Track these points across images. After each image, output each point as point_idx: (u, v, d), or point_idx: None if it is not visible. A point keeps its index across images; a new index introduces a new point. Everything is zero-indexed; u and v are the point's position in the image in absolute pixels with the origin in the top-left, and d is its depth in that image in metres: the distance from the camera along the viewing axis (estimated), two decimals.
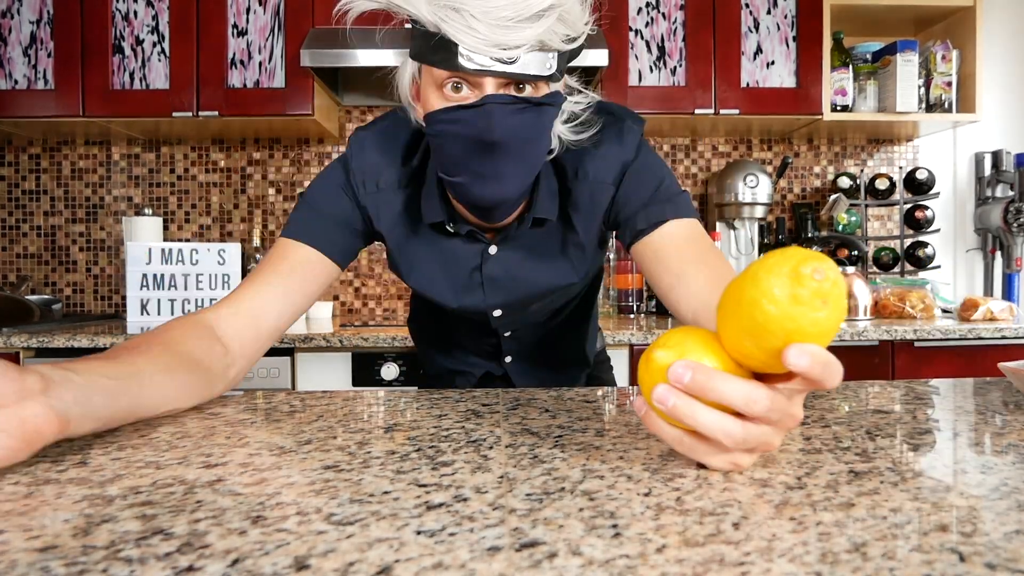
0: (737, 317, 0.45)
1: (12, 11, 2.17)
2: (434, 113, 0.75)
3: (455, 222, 0.89)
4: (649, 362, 0.48)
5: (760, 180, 2.39)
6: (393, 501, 0.43)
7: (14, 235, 2.56)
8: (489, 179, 0.77)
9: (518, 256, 0.93)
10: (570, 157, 0.88)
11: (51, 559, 0.35)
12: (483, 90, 0.73)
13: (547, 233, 0.92)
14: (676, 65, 2.26)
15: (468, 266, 0.93)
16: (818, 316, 0.42)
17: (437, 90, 0.75)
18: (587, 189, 0.89)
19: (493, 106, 0.72)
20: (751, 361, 0.46)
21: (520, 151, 0.76)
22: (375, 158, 0.89)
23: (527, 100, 0.74)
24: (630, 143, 0.88)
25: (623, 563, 0.34)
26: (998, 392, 0.78)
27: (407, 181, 0.90)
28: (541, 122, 0.76)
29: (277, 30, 2.20)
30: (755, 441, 0.46)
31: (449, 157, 0.78)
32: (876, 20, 2.45)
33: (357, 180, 0.89)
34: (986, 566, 0.33)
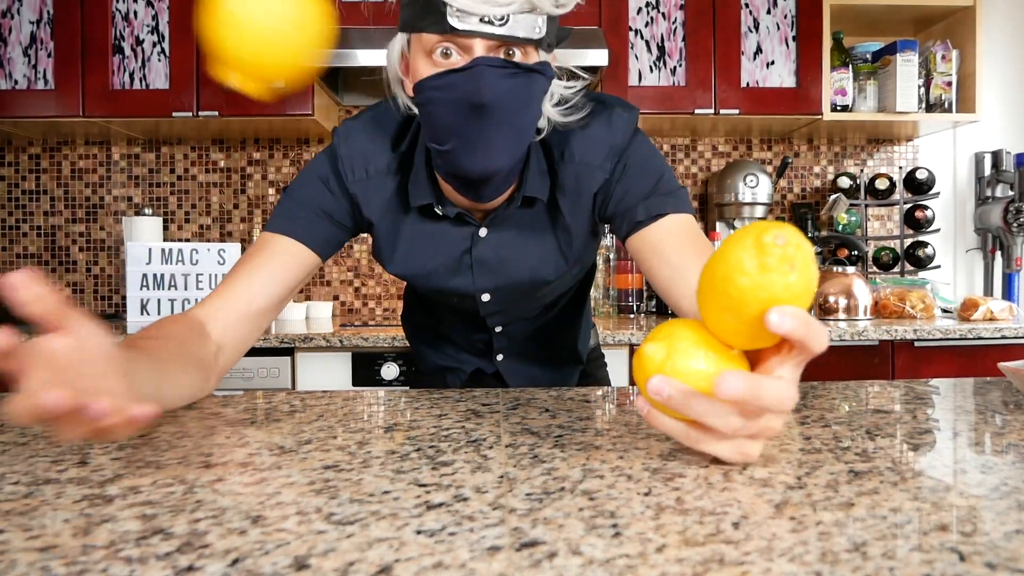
0: (714, 295, 0.46)
1: (12, 11, 2.17)
2: (423, 80, 0.75)
3: (444, 204, 0.88)
4: (641, 359, 0.49)
5: (760, 180, 2.39)
6: (393, 501, 0.43)
7: (14, 235, 2.56)
8: (479, 146, 0.76)
9: (508, 238, 0.92)
10: (557, 138, 0.88)
11: (51, 559, 0.35)
12: (473, 54, 0.73)
13: (536, 215, 0.91)
14: (676, 65, 2.26)
15: (458, 249, 0.92)
16: (789, 280, 0.44)
17: (427, 57, 0.75)
18: (573, 171, 0.88)
19: (483, 68, 0.71)
20: (738, 339, 0.47)
21: (510, 118, 0.75)
22: (364, 145, 0.88)
23: (517, 65, 0.74)
24: (619, 127, 0.88)
25: (623, 563, 0.34)
26: (998, 392, 0.78)
27: (396, 167, 0.89)
28: (531, 91, 0.76)
29: None
30: (755, 427, 0.47)
31: (439, 124, 0.77)
32: (876, 20, 2.45)
33: (345, 167, 0.88)
34: (986, 566, 0.33)
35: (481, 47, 0.72)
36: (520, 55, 0.74)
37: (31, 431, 0.62)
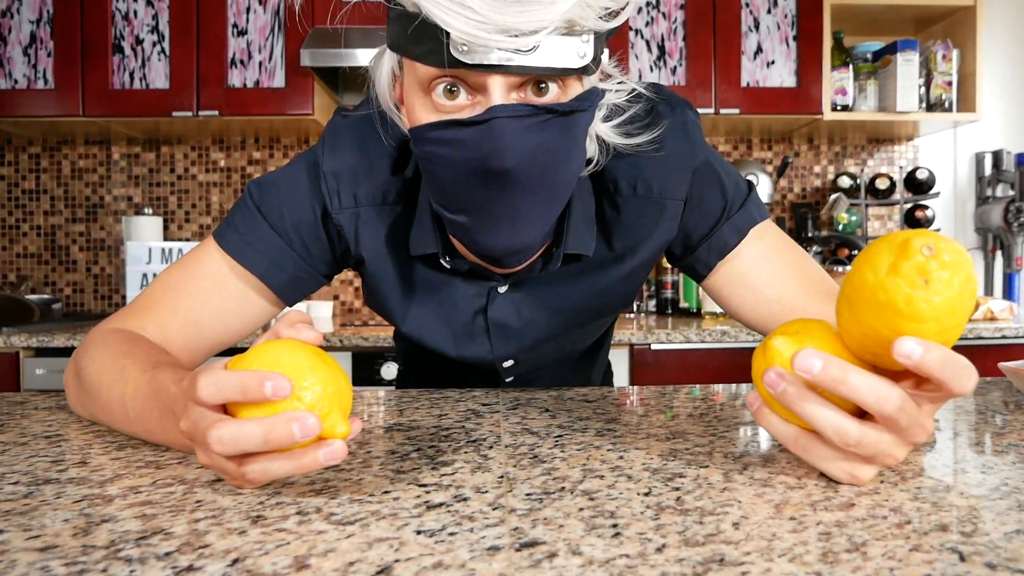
0: (843, 285, 0.42)
1: (12, 11, 2.17)
2: (420, 129, 0.56)
3: (453, 256, 0.69)
4: (767, 350, 0.45)
5: (760, 180, 2.39)
6: (393, 501, 0.43)
7: (14, 235, 2.56)
8: (502, 221, 0.57)
9: (536, 297, 0.72)
10: (619, 165, 0.68)
11: (51, 559, 0.35)
12: (487, 95, 0.53)
13: (580, 268, 0.72)
14: (676, 65, 2.26)
15: (468, 309, 0.73)
16: (914, 294, 0.39)
17: (423, 94, 0.55)
18: (648, 209, 0.68)
19: (503, 121, 0.52)
20: (861, 342, 0.42)
21: (542, 181, 0.56)
22: (354, 160, 0.68)
23: (550, 109, 0.53)
24: (696, 139, 0.69)
25: (623, 563, 0.34)
26: (998, 392, 0.78)
27: (396, 196, 0.69)
28: (571, 136, 0.56)
29: (277, 30, 2.20)
30: (873, 447, 0.42)
31: (445, 189, 0.58)
32: (876, 20, 2.45)
33: (329, 187, 0.68)
34: (986, 566, 0.33)
35: (500, 87, 0.52)
36: (556, 89, 0.54)
37: (31, 431, 0.62)
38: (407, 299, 0.74)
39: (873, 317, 0.40)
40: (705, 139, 0.72)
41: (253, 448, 0.41)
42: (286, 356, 0.43)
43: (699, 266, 0.74)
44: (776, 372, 0.42)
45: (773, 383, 0.42)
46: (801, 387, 0.42)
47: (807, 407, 0.41)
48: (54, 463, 0.52)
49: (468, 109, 0.54)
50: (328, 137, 0.69)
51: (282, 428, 0.40)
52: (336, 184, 0.68)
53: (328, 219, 0.70)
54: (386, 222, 0.70)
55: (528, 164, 0.54)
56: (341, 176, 0.68)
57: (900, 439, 0.42)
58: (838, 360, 0.40)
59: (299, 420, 0.39)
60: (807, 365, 0.40)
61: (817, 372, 0.40)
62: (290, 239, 0.70)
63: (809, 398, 0.41)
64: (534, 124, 0.53)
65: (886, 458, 0.43)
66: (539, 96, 0.54)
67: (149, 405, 0.54)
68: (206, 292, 0.70)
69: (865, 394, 0.40)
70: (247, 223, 0.70)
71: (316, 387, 0.42)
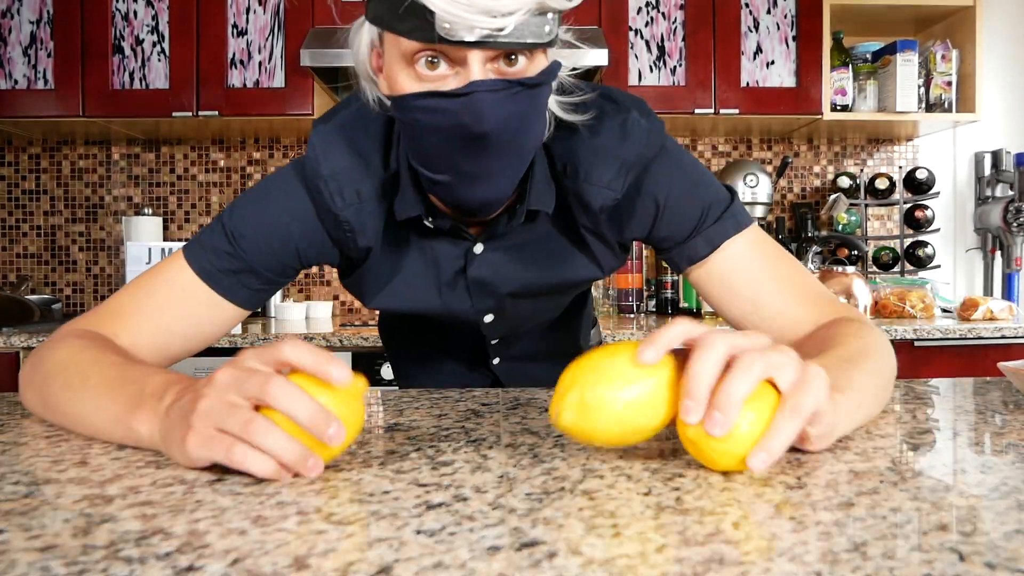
0: None
1: (12, 11, 2.17)
2: (406, 99, 0.62)
3: (434, 216, 0.75)
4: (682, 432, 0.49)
5: (760, 180, 2.39)
6: (393, 501, 0.43)
7: (14, 235, 2.56)
8: (478, 178, 0.66)
9: (509, 254, 0.80)
10: (560, 147, 0.74)
11: (51, 559, 0.35)
12: (466, 67, 0.60)
13: (543, 225, 0.79)
14: (676, 65, 2.26)
15: (450, 269, 0.80)
16: None
17: (407, 66, 0.62)
18: (580, 189, 0.75)
19: (483, 95, 0.59)
20: None
21: (513, 143, 0.64)
22: (349, 161, 0.73)
23: (521, 83, 0.61)
24: (636, 138, 0.73)
25: (623, 563, 0.34)
26: (998, 392, 0.78)
27: (392, 187, 0.75)
28: (537, 105, 0.64)
29: (277, 30, 2.20)
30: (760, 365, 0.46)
31: (427, 151, 0.66)
32: (876, 20, 2.45)
33: (332, 189, 0.72)
34: (986, 566, 0.33)
35: (478, 60, 0.60)
36: (524, 61, 0.62)
37: (31, 431, 0.62)
38: (394, 272, 0.80)
39: None
40: (679, 148, 0.77)
41: (295, 413, 0.45)
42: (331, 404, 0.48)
43: (673, 265, 0.82)
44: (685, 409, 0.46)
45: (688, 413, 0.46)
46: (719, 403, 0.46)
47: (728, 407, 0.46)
48: (54, 463, 0.52)
49: (450, 79, 0.61)
50: (318, 145, 0.73)
51: (324, 423, 0.46)
52: (339, 185, 0.72)
53: (332, 218, 0.73)
54: (384, 210, 0.75)
55: (503, 130, 0.62)
56: (341, 176, 0.72)
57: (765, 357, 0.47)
58: None
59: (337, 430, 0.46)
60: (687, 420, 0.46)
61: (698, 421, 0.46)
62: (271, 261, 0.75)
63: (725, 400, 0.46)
64: (508, 95, 0.61)
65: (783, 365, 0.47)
66: (509, 66, 0.61)
67: (115, 393, 0.57)
68: (176, 299, 0.73)
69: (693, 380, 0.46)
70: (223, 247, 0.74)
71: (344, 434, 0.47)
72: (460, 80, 0.61)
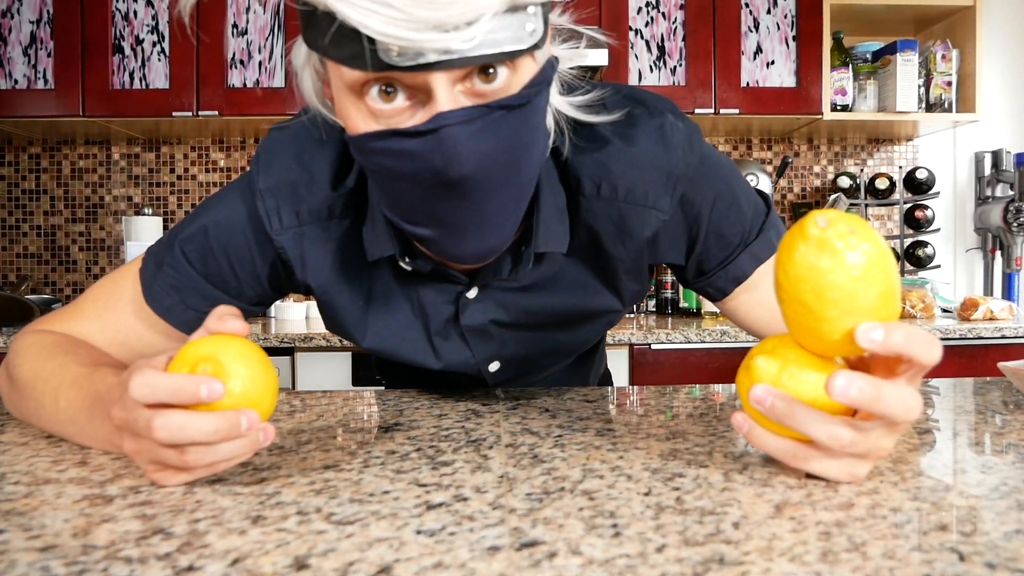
0: (779, 296, 0.44)
1: (12, 11, 2.17)
2: (360, 139, 0.50)
3: (413, 256, 0.63)
4: (750, 370, 0.46)
5: (760, 180, 2.39)
6: (393, 501, 0.43)
7: (14, 235, 2.56)
8: (468, 229, 0.52)
9: (511, 297, 0.67)
10: (585, 161, 0.61)
11: (51, 559, 0.35)
12: (430, 95, 0.46)
13: (554, 262, 0.66)
14: (676, 65, 2.26)
15: (439, 316, 0.68)
16: (818, 263, 0.40)
17: (356, 98, 0.48)
18: (620, 212, 0.62)
19: (452, 129, 0.46)
20: (821, 345, 0.43)
21: (505, 181, 0.51)
22: (291, 175, 0.62)
23: (503, 105, 0.48)
24: (677, 145, 0.62)
25: (623, 563, 0.34)
26: (998, 392, 0.78)
27: (342, 208, 0.63)
28: (530, 126, 0.51)
29: (277, 30, 2.20)
30: (865, 444, 0.42)
31: (399, 200, 0.53)
32: (876, 20, 2.45)
33: (268, 207, 0.62)
34: (986, 565, 0.33)
35: (444, 84, 0.46)
36: (506, 73, 0.48)
37: (30, 431, 0.62)
38: (369, 314, 0.68)
39: (793, 310, 0.42)
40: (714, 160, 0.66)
41: (201, 438, 0.43)
42: (217, 351, 0.46)
43: (712, 291, 0.71)
44: (762, 388, 0.43)
45: (760, 399, 0.43)
46: (788, 400, 0.43)
47: (798, 416, 0.42)
48: (54, 463, 0.52)
49: (408, 112, 0.48)
50: (263, 154, 0.64)
51: (232, 421, 0.44)
52: (275, 203, 0.62)
53: (268, 243, 0.64)
54: (334, 237, 0.64)
55: (487, 168, 0.48)
56: (280, 194, 0.62)
57: (886, 429, 0.43)
58: (783, 396, 0.43)
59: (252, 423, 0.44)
60: (757, 398, 0.43)
61: (766, 409, 0.43)
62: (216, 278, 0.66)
63: (798, 409, 0.42)
64: (487, 124, 0.47)
65: (879, 451, 0.44)
66: (487, 82, 0.47)
67: (82, 402, 0.54)
68: (131, 315, 0.67)
69: (815, 432, 0.42)
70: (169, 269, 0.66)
71: (246, 379, 0.46)
72: (426, 113, 0.47)
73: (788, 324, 0.44)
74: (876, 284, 0.40)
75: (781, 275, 0.42)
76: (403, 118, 0.48)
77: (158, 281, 0.66)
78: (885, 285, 0.40)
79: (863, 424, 0.42)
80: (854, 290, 0.40)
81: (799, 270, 0.40)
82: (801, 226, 0.41)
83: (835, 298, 0.40)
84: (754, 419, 0.45)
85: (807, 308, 0.41)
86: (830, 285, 0.40)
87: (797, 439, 0.45)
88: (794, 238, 0.41)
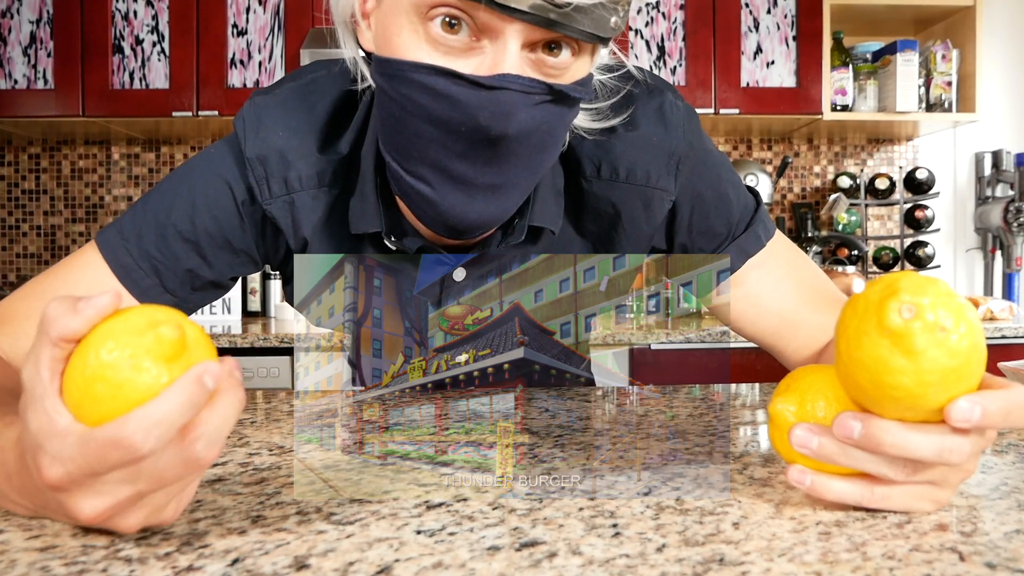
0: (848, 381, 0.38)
1: (12, 11, 2.17)
2: (404, 67, 0.47)
3: (400, 234, 0.61)
4: (775, 421, 0.41)
5: (760, 180, 2.39)
6: (393, 501, 0.43)
7: (14, 235, 2.56)
8: (478, 191, 0.51)
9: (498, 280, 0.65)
10: (585, 143, 0.61)
11: (51, 559, 0.35)
12: (497, 43, 0.46)
13: (543, 245, 0.64)
14: (676, 65, 2.26)
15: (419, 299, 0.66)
16: (888, 360, 0.34)
17: (418, 19, 0.46)
18: (615, 193, 0.61)
19: (514, 95, 0.46)
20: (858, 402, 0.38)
21: (531, 156, 0.51)
22: (282, 140, 0.59)
23: (562, 93, 0.48)
24: (677, 124, 0.60)
25: (623, 563, 0.34)
26: None
27: (331, 176, 0.60)
28: (566, 119, 0.52)
29: (277, 30, 2.20)
30: (932, 473, 0.38)
31: (414, 142, 0.50)
32: (876, 20, 2.45)
33: (256, 175, 0.59)
34: (986, 566, 0.33)
35: (517, 39, 0.45)
36: (569, 56, 0.48)
37: None
38: None
39: (847, 378, 0.37)
40: (703, 134, 0.65)
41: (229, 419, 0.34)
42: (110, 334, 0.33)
43: None
44: (803, 429, 0.38)
45: (804, 441, 0.38)
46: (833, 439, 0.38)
47: (853, 454, 0.37)
48: None
49: (470, 54, 0.46)
50: (249, 119, 0.60)
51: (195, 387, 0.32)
52: (264, 171, 0.59)
53: (260, 212, 0.61)
54: (322, 206, 0.61)
55: (524, 140, 0.49)
56: (268, 161, 0.59)
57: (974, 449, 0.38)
58: (876, 420, 0.36)
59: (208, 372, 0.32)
60: (846, 431, 0.36)
61: (857, 436, 0.36)
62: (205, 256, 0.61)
63: (849, 445, 0.38)
64: (542, 102, 0.48)
65: (961, 472, 0.40)
66: (551, 57, 0.47)
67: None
68: None
69: (920, 449, 0.36)
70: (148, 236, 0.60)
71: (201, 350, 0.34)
72: (486, 60, 0.46)
73: (840, 381, 0.39)
74: (951, 389, 0.34)
75: (843, 348, 0.36)
76: (458, 58, 0.47)
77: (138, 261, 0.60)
78: (964, 387, 0.35)
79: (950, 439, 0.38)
80: (922, 394, 0.34)
81: (864, 357, 0.35)
82: (880, 307, 0.34)
83: (897, 396, 0.35)
84: (813, 468, 0.40)
85: (862, 391, 0.36)
86: (895, 384, 0.34)
87: (861, 478, 0.39)
88: (868, 318, 0.35)
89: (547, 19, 0.43)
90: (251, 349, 1.87)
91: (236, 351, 1.86)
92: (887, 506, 0.40)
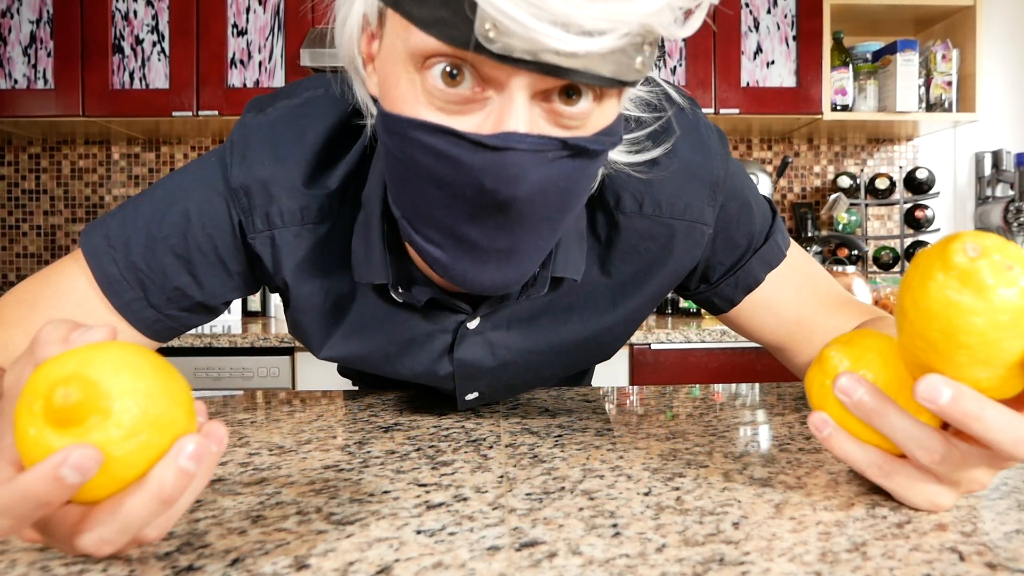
0: (905, 329, 0.36)
1: (12, 11, 2.17)
2: (402, 123, 0.42)
3: (408, 284, 0.56)
4: (823, 363, 0.40)
5: (760, 180, 2.39)
6: (393, 501, 0.43)
7: (14, 235, 2.55)
8: (490, 256, 0.46)
9: (516, 329, 0.60)
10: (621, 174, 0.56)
11: (51, 559, 0.35)
12: (503, 95, 0.40)
13: (567, 297, 0.60)
14: (676, 64, 2.26)
15: (431, 348, 0.60)
16: (959, 300, 0.32)
17: (414, 69, 0.41)
18: (656, 231, 0.57)
19: (519, 154, 0.40)
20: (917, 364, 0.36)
21: (549, 216, 0.45)
22: (266, 171, 0.54)
23: (578, 147, 0.42)
24: (715, 149, 0.57)
25: (623, 563, 0.34)
26: None
27: (317, 213, 0.56)
28: (590, 172, 0.46)
29: (277, 30, 2.20)
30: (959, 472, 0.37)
31: (421, 204, 0.46)
32: (876, 20, 2.45)
33: (241, 206, 0.55)
34: (986, 566, 0.33)
35: (524, 91, 0.40)
36: (589, 102, 0.42)
37: None
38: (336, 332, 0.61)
39: (915, 344, 0.35)
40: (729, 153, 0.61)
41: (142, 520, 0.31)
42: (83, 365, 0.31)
43: (719, 300, 0.66)
44: (851, 378, 0.37)
45: (848, 390, 0.36)
46: (880, 394, 0.37)
47: (888, 417, 0.36)
48: None
49: (474, 107, 0.41)
50: (237, 142, 0.56)
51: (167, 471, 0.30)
52: (247, 202, 0.55)
53: (242, 241, 0.57)
54: (305, 244, 0.57)
55: (537, 200, 0.43)
56: (252, 192, 0.55)
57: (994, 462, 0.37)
58: (972, 392, 0.34)
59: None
60: (933, 395, 0.34)
61: (945, 403, 0.33)
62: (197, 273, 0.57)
63: (890, 406, 0.36)
64: (557, 160, 0.42)
65: (974, 484, 0.38)
66: (567, 105, 0.41)
67: None
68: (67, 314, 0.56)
69: (999, 432, 0.33)
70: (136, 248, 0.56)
71: (139, 394, 0.31)
72: (492, 115, 0.41)
73: (903, 354, 0.37)
74: (1012, 331, 0.33)
75: (908, 303, 0.35)
76: (458, 109, 0.41)
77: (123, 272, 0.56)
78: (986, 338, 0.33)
79: (961, 445, 0.36)
80: (996, 339, 0.33)
81: (932, 303, 0.33)
82: (944, 251, 0.33)
83: (970, 343, 0.33)
84: (838, 422, 0.39)
85: (932, 347, 0.34)
86: (967, 328, 0.33)
87: (885, 449, 0.39)
88: (932, 263, 0.34)
89: (555, 67, 0.37)
90: (251, 349, 1.87)
91: (236, 351, 1.86)
92: (888, 485, 0.39)
